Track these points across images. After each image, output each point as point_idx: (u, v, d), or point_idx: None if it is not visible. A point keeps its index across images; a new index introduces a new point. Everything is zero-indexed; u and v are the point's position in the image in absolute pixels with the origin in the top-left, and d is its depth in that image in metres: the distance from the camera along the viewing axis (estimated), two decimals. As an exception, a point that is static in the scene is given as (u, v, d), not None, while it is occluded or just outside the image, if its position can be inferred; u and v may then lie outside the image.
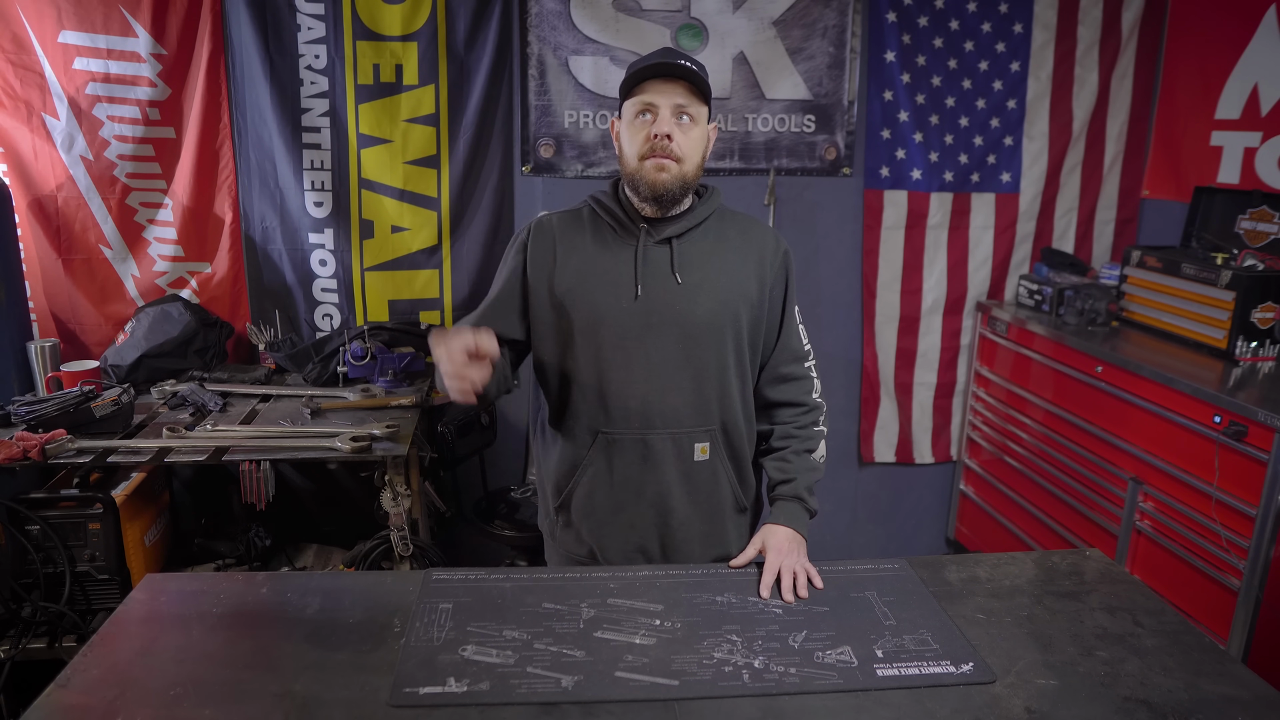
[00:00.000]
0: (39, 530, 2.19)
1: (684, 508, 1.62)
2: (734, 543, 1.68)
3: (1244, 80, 2.92)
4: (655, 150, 1.49)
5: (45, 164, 2.69)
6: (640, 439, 1.57)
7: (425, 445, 2.59)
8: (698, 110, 1.52)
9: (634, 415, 1.56)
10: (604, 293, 1.55)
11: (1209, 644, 1.35)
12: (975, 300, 3.39)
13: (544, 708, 1.16)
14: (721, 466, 1.63)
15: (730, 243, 1.61)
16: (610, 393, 1.56)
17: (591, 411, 1.58)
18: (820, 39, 3.05)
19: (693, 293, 1.55)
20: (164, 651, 1.27)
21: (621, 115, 1.56)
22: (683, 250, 1.57)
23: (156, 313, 2.68)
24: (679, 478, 1.60)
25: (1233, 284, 2.55)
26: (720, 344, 1.57)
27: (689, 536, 1.64)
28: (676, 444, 1.58)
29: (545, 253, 1.59)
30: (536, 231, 1.61)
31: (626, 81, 1.52)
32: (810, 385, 1.69)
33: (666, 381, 1.56)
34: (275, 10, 2.73)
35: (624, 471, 1.59)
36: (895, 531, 3.58)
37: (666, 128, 1.48)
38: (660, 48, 1.61)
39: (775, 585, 1.47)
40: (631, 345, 1.55)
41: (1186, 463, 2.42)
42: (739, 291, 1.58)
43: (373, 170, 2.88)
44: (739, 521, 1.70)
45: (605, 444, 1.58)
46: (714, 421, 1.60)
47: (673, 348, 1.55)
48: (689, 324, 1.55)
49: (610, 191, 1.62)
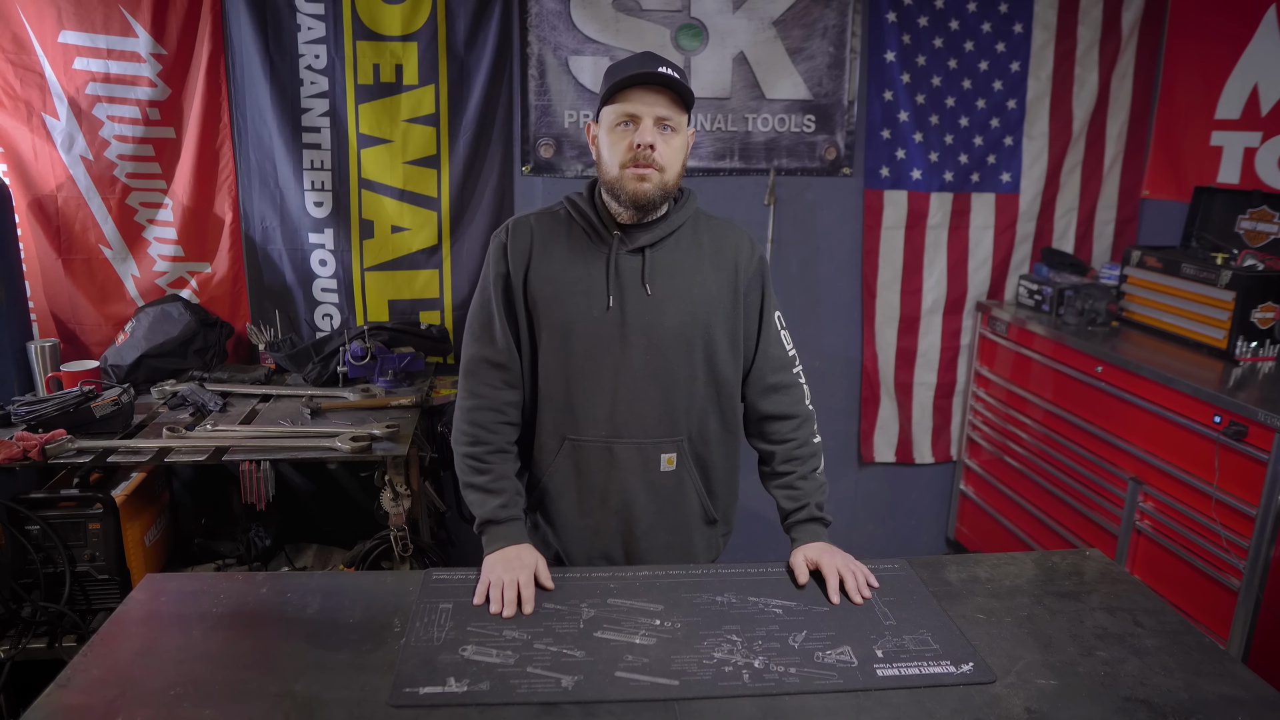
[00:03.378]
0: (39, 530, 2.19)
1: (648, 517, 1.62)
2: (701, 554, 1.69)
3: (1244, 80, 2.92)
4: (637, 160, 1.47)
5: (45, 164, 2.69)
6: (606, 447, 1.57)
7: (425, 445, 2.59)
8: (679, 119, 1.50)
9: (601, 423, 1.57)
10: (576, 301, 1.54)
11: (1209, 644, 1.35)
12: (975, 300, 3.39)
13: (544, 708, 1.16)
14: (689, 477, 1.63)
15: (704, 250, 1.60)
16: (578, 400, 1.57)
17: (559, 417, 1.58)
18: (820, 39, 3.05)
19: (662, 304, 1.55)
20: (164, 651, 1.27)
21: (600, 121, 1.54)
22: (655, 260, 1.55)
23: (156, 313, 2.68)
24: (644, 487, 1.60)
25: (1233, 284, 2.55)
26: (689, 355, 1.57)
27: (653, 546, 1.64)
28: (642, 453, 1.58)
29: (522, 253, 1.58)
30: (514, 231, 1.60)
31: (607, 87, 1.50)
32: (800, 393, 1.69)
33: (634, 391, 1.56)
34: (275, 10, 2.72)
35: (590, 478, 1.60)
36: (895, 531, 3.58)
37: (649, 138, 1.47)
38: (641, 52, 1.59)
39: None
40: (601, 354, 1.55)
41: (1186, 463, 2.42)
42: (710, 302, 1.58)
43: (373, 170, 2.88)
44: (708, 534, 1.70)
45: (572, 450, 1.59)
46: (681, 432, 1.60)
47: (641, 358, 1.55)
48: (657, 335, 1.55)
49: (586, 195, 1.60)
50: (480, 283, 1.63)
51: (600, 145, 1.54)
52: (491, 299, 1.59)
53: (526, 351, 1.60)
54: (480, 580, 1.45)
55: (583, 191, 1.61)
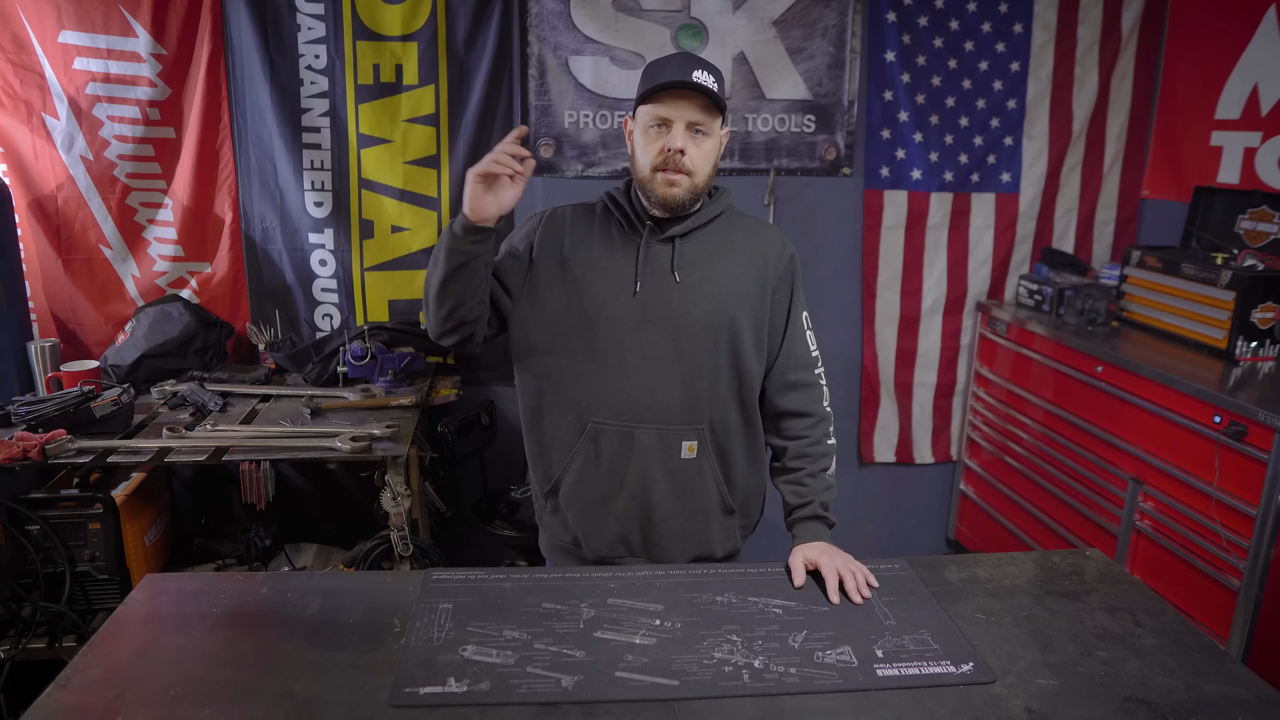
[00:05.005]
0: (39, 530, 2.19)
1: (667, 503, 1.62)
2: (718, 544, 1.69)
3: (1244, 80, 2.92)
4: (668, 164, 1.50)
5: (45, 164, 2.69)
6: (628, 432, 1.58)
7: (425, 445, 2.59)
8: (711, 124, 1.53)
9: (623, 408, 1.58)
10: (604, 286, 1.57)
11: (1209, 644, 1.35)
12: (975, 300, 3.39)
13: (544, 708, 1.16)
14: (709, 466, 1.63)
15: (734, 245, 1.61)
16: (602, 384, 1.58)
17: (583, 400, 1.60)
18: (820, 39, 3.05)
19: (690, 292, 1.56)
20: (164, 651, 1.27)
21: (635, 118, 1.57)
22: (684, 249, 1.58)
23: (156, 313, 2.68)
24: (664, 473, 1.61)
25: (1233, 284, 2.55)
26: (714, 344, 1.58)
27: (670, 532, 1.65)
28: (663, 439, 1.59)
29: (555, 238, 1.62)
30: (550, 217, 1.65)
31: (643, 87, 1.52)
32: (820, 394, 1.69)
33: (657, 378, 1.57)
34: (275, 10, 2.73)
35: (611, 462, 1.60)
36: (895, 531, 3.58)
37: (679, 143, 1.49)
38: (679, 53, 1.60)
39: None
40: (626, 339, 1.56)
41: (1186, 463, 2.42)
42: (738, 294, 1.59)
43: (373, 170, 2.88)
44: (725, 523, 1.70)
45: (594, 433, 1.60)
46: (703, 420, 1.60)
47: (666, 345, 1.56)
48: (683, 322, 1.56)
49: (623, 189, 1.63)
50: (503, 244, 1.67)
51: (634, 143, 1.57)
52: (508, 250, 1.65)
53: (549, 331, 1.61)
54: (467, 185, 1.47)
55: (620, 187, 1.64)
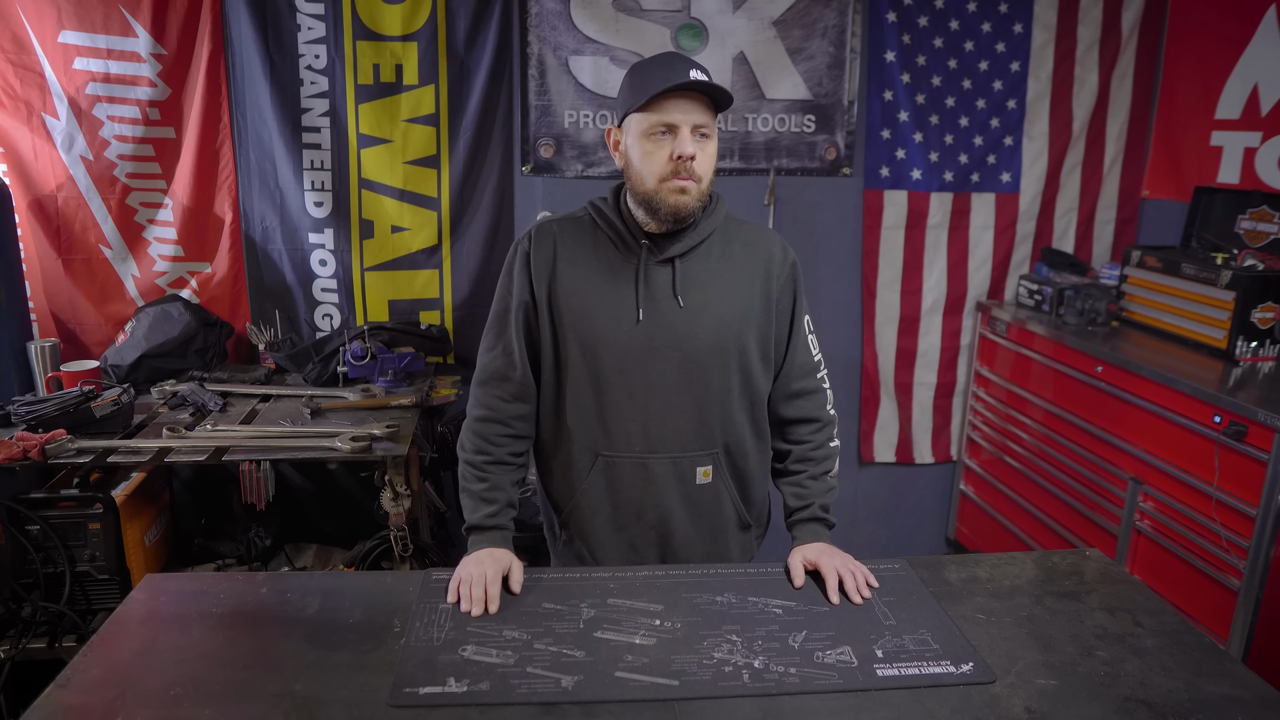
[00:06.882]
0: (39, 530, 2.19)
1: (685, 529, 1.60)
2: (736, 557, 1.68)
3: (1244, 80, 2.92)
4: (678, 172, 1.42)
5: (45, 164, 2.69)
6: (641, 463, 1.54)
7: (425, 445, 2.59)
8: (713, 125, 1.46)
9: (635, 439, 1.53)
10: (604, 314, 1.50)
11: (1209, 644, 1.35)
12: (975, 300, 3.39)
13: (544, 708, 1.16)
14: (725, 488, 1.61)
15: (735, 258, 1.55)
16: (610, 415, 1.53)
17: (590, 433, 1.55)
18: (820, 39, 3.04)
19: (695, 316, 1.50)
20: (164, 651, 1.26)
21: (626, 127, 1.47)
22: (685, 270, 1.51)
23: (156, 313, 2.68)
24: (681, 501, 1.58)
25: (1233, 284, 2.55)
26: (724, 367, 1.54)
27: (690, 556, 1.62)
28: (678, 468, 1.55)
29: (546, 265, 1.53)
30: (538, 239, 1.55)
31: (638, 93, 1.43)
32: (824, 399, 1.67)
33: (668, 406, 1.52)
34: (275, 10, 2.72)
35: (625, 494, 1.57)
36: (895, 531, 3.58)
37: (690, 149, 1.41)
38: (665, 53, 1.50)
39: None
40: (632, 369, 1.51)
41: (1186, 463, 2.42)
42: (743, 312, 1.54)
43: (373, 170, 2.88)
44: (742, 538, 1.69)
45: (605, 466, 1.55)
46: (717, 444, 1.57)
47: (674, 372, 1.51)
48: (691, 348, 1.51)
49: (611, 202, 1.55)
50: (499, 289, 1.58)
51: (630, 154, 1.47)
52: (509, 310, 1.55)
53: (550, 364, 1.56)
54: (452, 579, 1.44)
55: (607, 197, 1.56)
